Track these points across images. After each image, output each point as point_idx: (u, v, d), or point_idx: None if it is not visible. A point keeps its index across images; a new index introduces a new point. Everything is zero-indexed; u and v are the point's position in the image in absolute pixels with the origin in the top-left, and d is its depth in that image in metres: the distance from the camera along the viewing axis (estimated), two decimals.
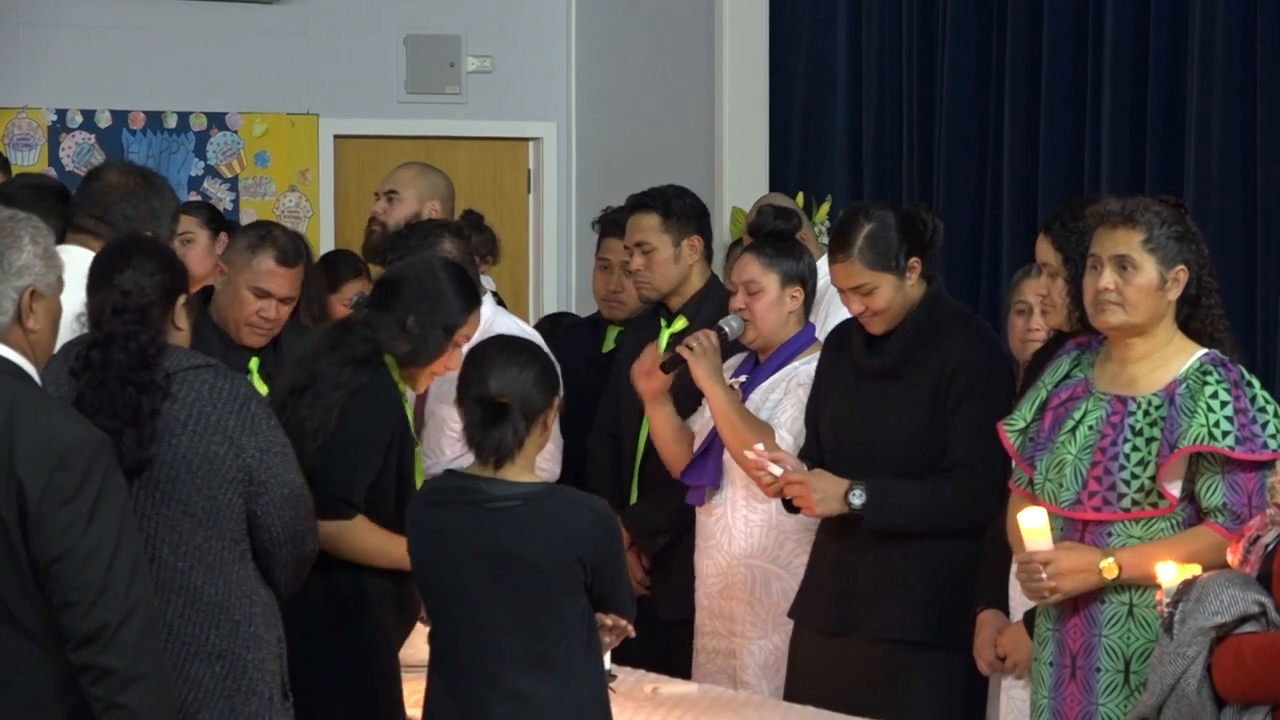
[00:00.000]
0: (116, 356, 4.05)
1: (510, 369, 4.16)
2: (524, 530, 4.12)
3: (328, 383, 4.68)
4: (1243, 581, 4.00)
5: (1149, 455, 4.30)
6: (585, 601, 4.16)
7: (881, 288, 5.08)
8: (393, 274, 4.99)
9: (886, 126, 8.18)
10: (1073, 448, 4.38)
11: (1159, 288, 4.33)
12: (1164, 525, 4.32)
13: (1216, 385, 4.28)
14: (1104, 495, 4.33)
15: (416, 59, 9.30)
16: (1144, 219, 4.34)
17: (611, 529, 4.20)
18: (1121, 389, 4.38)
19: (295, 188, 9.09)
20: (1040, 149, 7.28)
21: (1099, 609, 4.35)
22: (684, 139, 8.68)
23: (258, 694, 4.15)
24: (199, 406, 4.10)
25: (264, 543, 4.19)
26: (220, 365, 4.21)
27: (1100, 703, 4.35)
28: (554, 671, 4.13)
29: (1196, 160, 6.66)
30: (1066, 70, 7.22)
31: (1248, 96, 6.57)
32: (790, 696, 5.16)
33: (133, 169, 5.19)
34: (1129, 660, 4.32)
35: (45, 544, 3.52)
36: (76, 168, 8.69)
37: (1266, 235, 6.51)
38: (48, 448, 3.53)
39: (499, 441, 4.14)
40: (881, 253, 5.08)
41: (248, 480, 4.13)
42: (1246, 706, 3.95)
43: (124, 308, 4.10)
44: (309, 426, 4.62)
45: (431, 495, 4.28)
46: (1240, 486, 4.27)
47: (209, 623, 4.10)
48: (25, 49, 8.73)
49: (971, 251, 7.68)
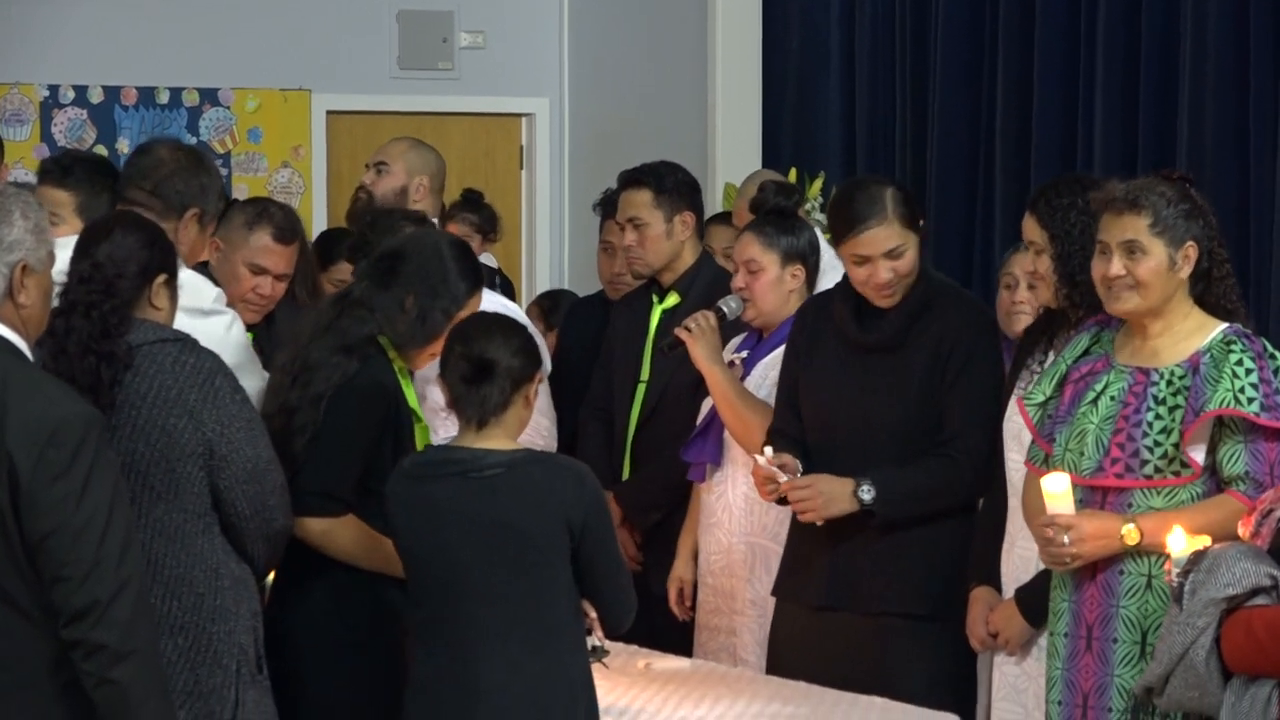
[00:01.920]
0: (77, 324, 4.07)
1: (496, 336, 4.22)
2: (509, 496, 4.14)
3: (317, 374, 4.58)
4: (1255, 554, 4.00)
5: (1172, 423, 4.31)
6: (570, 571, 4.17)
7: (910, 249, 5.04)
8: (396, 248, 4.85)
9: (879, 103, 8.18)
10: (1094, 418, 4.38)
11: (1169, 268, 4.34)
12: (1185, 495, 4.32)
13: (1241, 354, 4.29)
14: (1126, 462, 4.33)
15: (409, 35, 9.30)
16: (1149, 202, 4.33)
17: (596, 494, 4.20)
18: (1144, 361, 4.39)
19: (288, 164, 9.08)
20: (1033, 126, 7.27)
21: (1117, 579, 4.35)
22: (677, 115, 8.67)
23: (223, 666, 4.17)
24: (160, 380, 4.11)
25: (230, 517, 4.20)
26: (189, 339, 4.19)
27: (1116, 673, 4.34)
28: (546, 638, 4.15)
29: (1189, 137, 6.66)
30: (1059, 48, 7.21)
31: (1240, 74, 6.56)
32: (773, 673, 5.15)
33: (181, 146, 5.21)
34: (1146, 631, 4.32)
35: (36, 520, 3.51)
36: (69, 143, 8.69)
37: (1259, 213, 6.51)
38: (39, 424, 3.52)
39: (484, 398, 4.16)
40: (912, 212, 5.06)
41: (209, 454, 4.13)
42: (1254, 678, 3.95)
43: (90, 277, 4.12)
44: (298, 421, 4.55)
45: (414, 470, 4.28)
46: (1262, 455, 4.27)
47: (170, 595, 4.12)
48: (17, 25, 8.72)
49: (964, 228, 7.68)
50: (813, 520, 5.01)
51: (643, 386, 6.00)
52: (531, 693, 4.14)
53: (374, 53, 9.23)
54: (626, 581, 4.28)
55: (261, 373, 4.93)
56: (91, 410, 3.63)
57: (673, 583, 5.71)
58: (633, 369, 6.04)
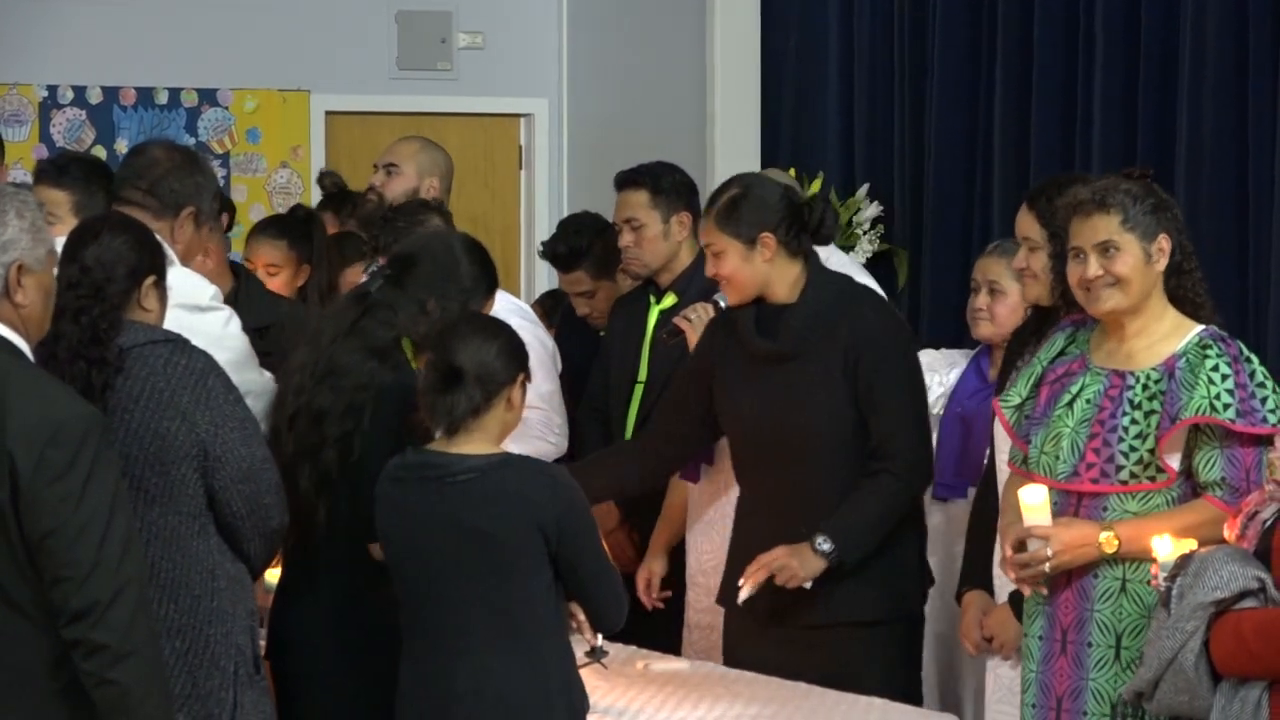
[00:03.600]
0: (66, 329, 4.05)
1: (474, 340, 4.19)
2: (481, 502, 4.13)
3: (348, 378, 4.53)
4: (1242, 557, 4.00)
5: (1147, 428, 4.30)
6: (550, 574, 4.16)
7: (728, 254, 5.06)
8: (410, 249, 4.82)
9: (878, 103, 8.18)
10: (1070, 421, 4.38)
11: (1146, 263, 4.33)
12: (1160, 500, 4.31)
13: (1217, 359, 4.28)
14: (1101, 467, 4.33)
15: (408, 35, 9.30)
16: (1116, 201, 4.33)
17: (572, 498, 4.18)
18: (1120, 364, 4.38)
19: (287, 164, 9.07)
20: (1032, 126, 7.28)
21: (1092, 583, 4.35)
22: (676, 115, 8.67)
23: (220, 668, 4.15)
24: (152, 382, 4.09)
25: (226, 518, 4.18)
26: (180, 340, 4.17)
27: (1091, 677, 4.35)
28: (519, 644, 4.14)
29: (1188, 136, 6.66)
30: (1058, 47, 7.22)
31: (1239, 71, 6.57)
32: None
33: (176, 145, 5.21)
34: (1120, 635, 4.32)
35: (37, 520, 3.51)
36: (67, 144, 8.69)
37: (1257, 209, 6.51)
38: (40, 424, 3.52)
39: (450, 406, 4.15)
40: (737, 219, 5.05)
41: (203, 456, 4.11)
42: (1243, 681, 3.95)
43: (78, 282, 4.10)
44: (329, 430, 4.49)
45: (395, 472, 4.27)
46: (1239, 461, 4.26)
47: (167, 598, 4.10)
48: (16, 25, 8.72)
49: (963, 228, 7.68)
50: (803, 584, 4.96)
51: (640, 387, 6.00)
52: (504, 698, 4.13)
53: (373, 53, 9.22)
54: (613, 581, 4.26)
55: (260, 369, 4.92)
56: (93, 411, 3.63)
57: (642, 573, 5.71)
58: (630, 369, 6.03)
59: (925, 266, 7.86)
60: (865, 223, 7.99)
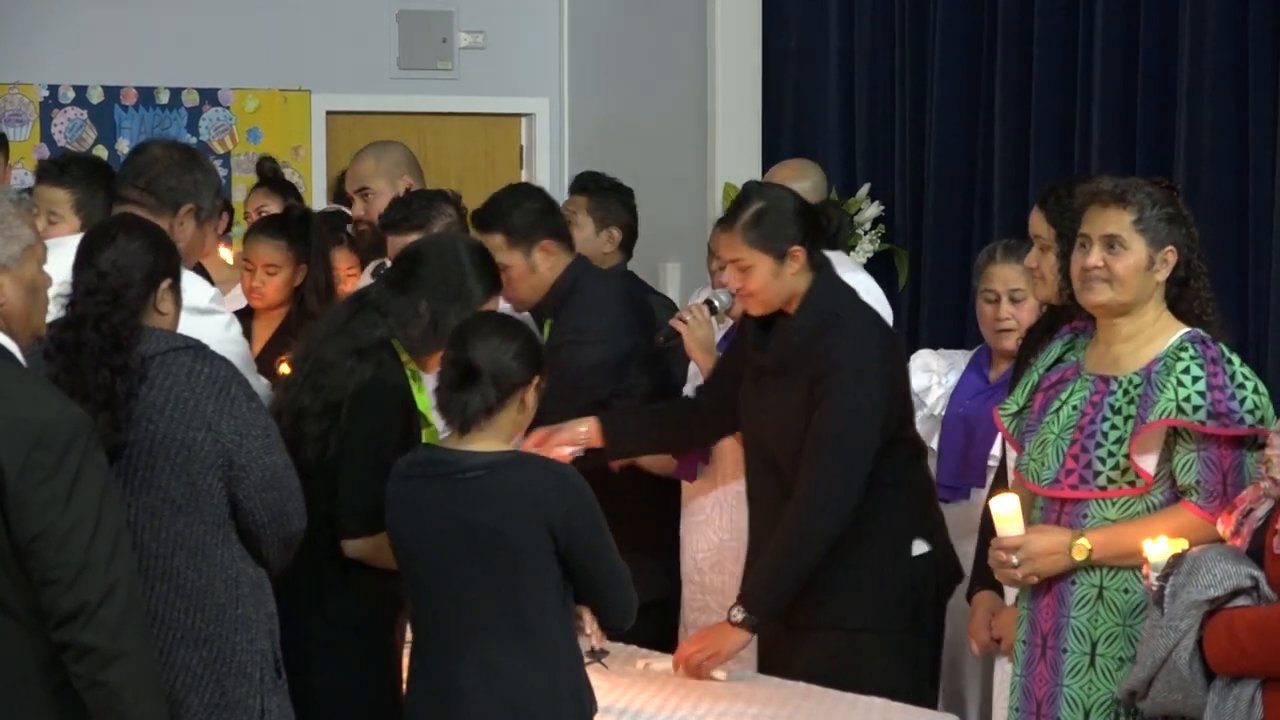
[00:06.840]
0: (89, 338, 4.01)
1: (492, 340, 4.20)
2: (490, 499, 4.14)
3: (328, 376, 4.57)
4: (1234, 555, 4.00)
5: (1126, 433, 4.28)
6: (559, 573, 4.17)
7: (757, 268, 5.04)
8: (415, 251, 4.83)
9: (879, 103, 8.17)
10: (1055, 427, 4.38)
11: (1147, 268, 4.32)
12: (1140, 507, 4.29)
13: (1190, 361, 4.26)
14: (1080, 473, 4.32)
15: (409, 35, 9.30)
16: (1135, 199, 4.32)
17: (581, 496, 4.18)
18: (1106, 369, 4.38)
19: (287, 164, 9.08)
20: (1031, 127, 7.27)
21: (1069, 590, 4.34)
22: (677, 115, 8.67)
23: (247, 676, 4.12)
24: (176, 391, 4.05)
25: (248, 525, 4.15)
26: (200, 347, 4.14)
27: (1065, 684, 4.34)
28: (526, 642, 4.14)
29: (1187, 138, 6.66)
30: (1058, 48, 7.21)
31: (1239, 75, 6.56)
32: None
33: (176, 144, 5.21)
34: (1095, 643, 4.31)
35: (24, 522, 3.50)
36: (68, 144, 8.70)
37: (1256, 215, 6.50)
38: (27, 426, 3.51)
39: (465, 404, 4.16)
40: (765, 233, 5.03)
41: (228, 465, 4.08)
42: (1237, 679, 3.95)
43: (97, 288, 4.06)
44: (308, 428, 4.52)
45: (406, 469, 4.29)
46: (1215, 464, 4.24)
47: (193, 608, 4.07)
48: (18, 25, 8.73)
49: (963, 228, 7.68)
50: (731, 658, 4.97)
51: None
52: (509, 696, 4.14)
53: (374, 53, 9.23)
54: (623, 581, 4.25)
55: (257, 374, 4.93)
56: (80, 413, 3.60)
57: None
58: None
59: (925, 266, 7.86)
60: (866, 223, 7.99)
